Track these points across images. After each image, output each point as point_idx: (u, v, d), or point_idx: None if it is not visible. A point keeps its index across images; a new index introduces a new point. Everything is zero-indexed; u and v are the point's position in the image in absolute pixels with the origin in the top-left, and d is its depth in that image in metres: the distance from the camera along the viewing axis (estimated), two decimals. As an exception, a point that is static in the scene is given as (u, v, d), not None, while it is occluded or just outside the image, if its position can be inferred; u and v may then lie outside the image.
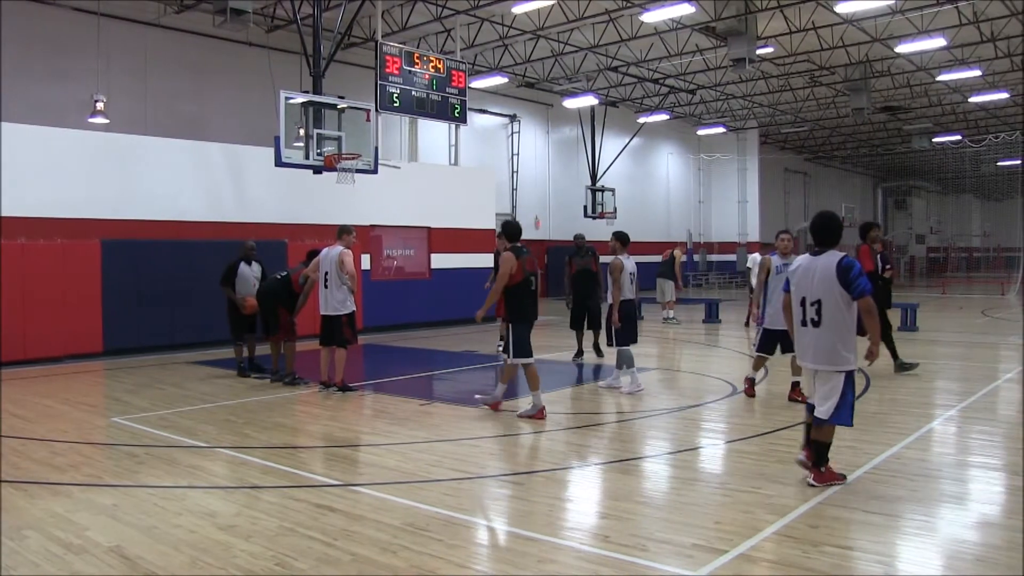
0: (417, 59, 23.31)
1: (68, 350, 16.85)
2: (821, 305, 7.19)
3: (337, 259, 12.36)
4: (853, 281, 7.05)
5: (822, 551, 5.81)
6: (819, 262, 7.25)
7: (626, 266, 12.41)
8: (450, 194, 25.04)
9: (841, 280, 7.07)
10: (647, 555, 5.77)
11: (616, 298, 12.39)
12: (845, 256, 7.21)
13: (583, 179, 40.10)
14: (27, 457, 8.75)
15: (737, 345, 19.05)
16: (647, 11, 25.04)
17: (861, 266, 7.26)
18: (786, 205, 58.69)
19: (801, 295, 7.38)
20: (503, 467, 8.53)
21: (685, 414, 11.09)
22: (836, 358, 7.17)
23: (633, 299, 12.66)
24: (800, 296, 7.39)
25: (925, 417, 10.54)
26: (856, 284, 7.04)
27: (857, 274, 7.07)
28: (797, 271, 7.48)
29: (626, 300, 12.47)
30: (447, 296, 23.60)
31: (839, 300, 7.12)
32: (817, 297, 7.21)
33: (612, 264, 12.34)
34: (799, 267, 7.47)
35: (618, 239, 12.75)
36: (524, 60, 32.90)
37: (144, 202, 18.62)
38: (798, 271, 7.46)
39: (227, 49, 26.74)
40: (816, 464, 7.36)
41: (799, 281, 7.42)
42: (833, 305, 7.15)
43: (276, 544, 6.03)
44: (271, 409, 11.57)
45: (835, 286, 7.10)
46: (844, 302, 7.12)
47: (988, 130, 50.11)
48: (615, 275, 12.28)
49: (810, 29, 29.06)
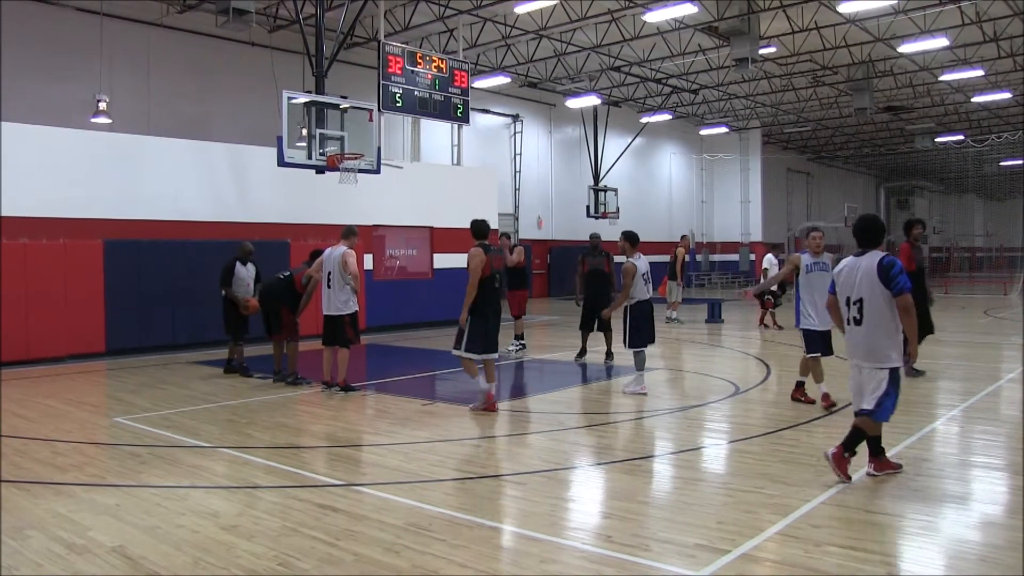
0: (420, 59, 23.35)
1: (71, 350, 16.86)
2: (863, 304, 7.35)
3: (340, 259, 12.36)
4: (893, 279, 7.20)
5: (825, 551, 5.81)
6: (862, 262, 7.41)
7: (639, 267, 12.29)
8: (453, 194, 25.03)
9: (882, 278, 7.23)
10: (650, 555, 5.77)
11: (622, 299, 12.35)
12: (887, 255, 7.36)
13: (586, 179, 40.14)
14: (30, 457, 8.75)
15: (740, 345, 19.04)
16: (649, 11, 25.02)
17: (902, 265, 7.38)
18: (789, 205, 58.72)
19: (845, 295, 7.55)
20: (506, 467, 8.53)
21: (688, 414, 11.09)
22: (880, 356, 7.32)
23: (648, 299, 12.48)
24: (844, 296, 7.56)
25: (928, 417, 10.53)
26: (896, 282, 7.20)
27: (897, 272, 7.21)
28: (842, 272, 7.64)
29: (642, 301, 12.34)
30: (449, 296, 23.52)
31: (881, 299, 7.28)
32: (860, 296, 7.37)
33: (625, 268, 12.25)
34: (844, 268, 7.63)
35: (627, 239, 12.62)
36: (527, 60, 32.90)
37: (147, 202, 18.63)
38: (843, 272, 7.62)
39: (230, 49, 26.75)
40: (873, 454, 7.60)
41: (844, 281, 7.58)
42: (875, 304, 7.30)
43: (279, 544, 6.03)
44: (273, 409, 11.57)
45: (876, 285, 7.26)
46: (886, 301, 7.26)
47: (991, 130, 50.12)
48: (627, 280, 12.21)
49: (813, 29, 29.05)
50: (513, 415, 11.27)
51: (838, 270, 7.74)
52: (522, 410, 11.68)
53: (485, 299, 11.10)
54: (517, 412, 11.52)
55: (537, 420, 10.85)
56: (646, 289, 12.36)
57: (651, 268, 12.72)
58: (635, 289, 12.26)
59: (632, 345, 12.33)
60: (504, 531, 6.50)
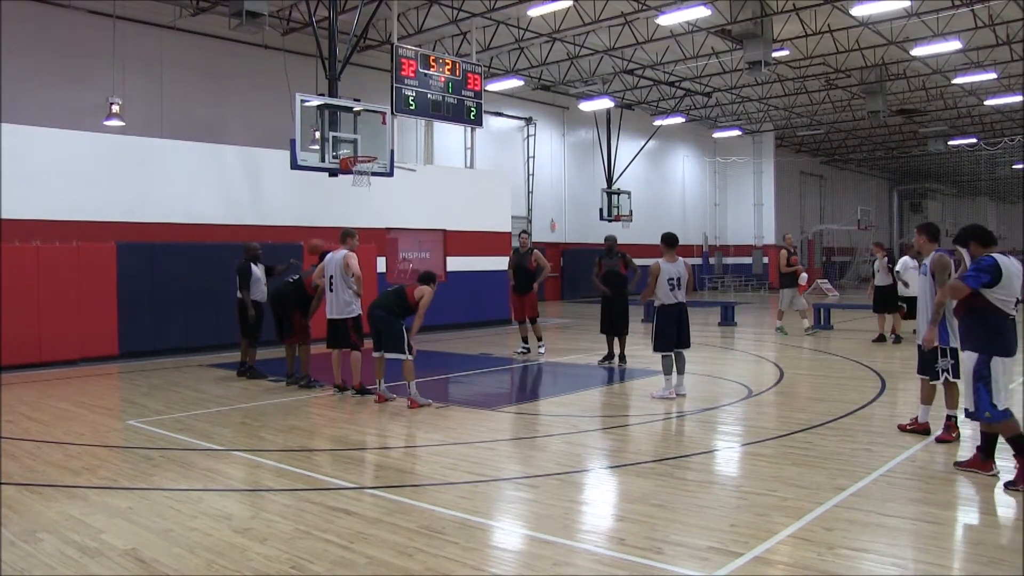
0: (433, 62, 23.41)
1: (83, 353, 16.91)
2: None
3: (342, 262, 12.35)
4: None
5: (837, 554, 5.79)
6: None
7: (665, 270, 12.12)
8: (466, 197, 25.06)
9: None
10: (662, 558, 5.76)
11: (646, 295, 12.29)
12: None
13: (599, 182, 40.16)
14: (42, 460, 8.78)
15: (753, 348, 19.01)
16: (663, 14, 24.99)
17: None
18: (802, 208, 58.59)
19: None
20: (518, 470, 8.51)
21: (700, 417, 11.07)
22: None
23: (677, 303, 12.24)
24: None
25: (940, 419, 10.47)
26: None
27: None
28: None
29: (667, 305, 12.17)
30: (463, 299, 23.60)
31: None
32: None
33: (650, 268, 12.20)
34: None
35: (663, 241, 12.48)
36: (540, 63, 32.90)
37: (160, 205, 18.68)
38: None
39: (243, 52, 26.83)
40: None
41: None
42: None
43: (291, 547, 6.04)
44: (286, 412, 11.58)
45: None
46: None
47: (1004, 133, 49.92)
48: (650, 280, 12.15)
49: (826, 32, 28.99)
50: (526, 418, 11.28)
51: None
52: (535, 413, 11.68)
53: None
54: (530, 415, 11.52)
55: (550, 423, 10.84)
56: (672, 294, 12.18)
57: (686, 273, 12.37)
58: (659, 291, 12.16)
59: (656, 349, 12.26)
60: (517, 534, 6.49)
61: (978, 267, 7.47)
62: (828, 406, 11.37)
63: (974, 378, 7.50)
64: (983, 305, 7.51)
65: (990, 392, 7.45)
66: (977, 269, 7.45)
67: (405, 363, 11.71)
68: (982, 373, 7.48)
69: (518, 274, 17.26)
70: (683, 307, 12.38)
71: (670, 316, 12.21)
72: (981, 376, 7.47)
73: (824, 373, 15.09)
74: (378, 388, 12.16)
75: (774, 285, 48.24)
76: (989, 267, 7.42)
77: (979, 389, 7.46)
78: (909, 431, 9.55)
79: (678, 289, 12.23)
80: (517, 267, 17.28)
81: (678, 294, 12.24)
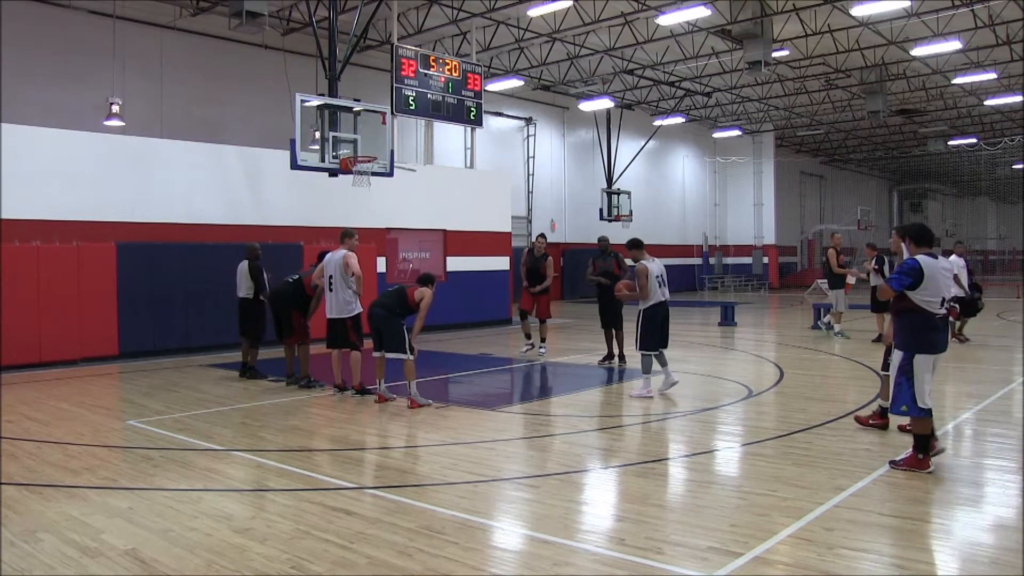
0: (433, 62, 23.41)
1: (83, 353, 16.90)
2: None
3: (341, 262, 12.34)
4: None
5: (837, 554, 5.79)
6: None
7: (652, 269, 12.25)
8: (466, 197, 25.06)
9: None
10: (663, 558, 5.76)
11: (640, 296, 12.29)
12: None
13: (599, 182, 40.17)
14: (42, 460, 8.78)
15: (753, 348, 19.02)
16: (663, 14, 25.00)
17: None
18: (802, 208, 58.62)
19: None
20: (518, 470, 8.52)
21: (700, 417, 11.07)
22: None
23: (664, 302, 12.39)
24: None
25: (939, 420, 10.45)
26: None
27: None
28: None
29: (657, 303, 12.28)
30: (463, 299, 23.60)
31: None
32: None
33: (637, 269, 12.20)
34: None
35: (634, 246, 12.63)
36: (540, 63, 32.90)
37: (160, 205, 18.68)
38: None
39: (242, 52, 26.83)
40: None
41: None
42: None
43: (291, 547, 6.04)
44: (286, 412, 11.58)
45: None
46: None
47: (1004, 133, 49.96)
48: (643, 280, 12.16)
49: (826, 32, 28.99)
50: (526, 418, 11.28)
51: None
52: (535, 413, 11.68)
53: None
54: (530, 415, 11.52)
55: (550, 423, 10.85)
56: (661, 291, 12.31)
57: (664, 270, 12.60)
58: (649, 290, 12.21)
59: (644, 347, 12.29)
60: (517, 534, 6.49)
61: (901, 270, 7.83)
62: (828, 406, 11.38)
63: (898, 373, 7.91)
64: (909, 306, 7.86)
65: (912, 388, 7.78)
66: (900, 272, 7.83)
67: (406, 363, 11.70)
68: (905, 369, 7.84)
69: (530, 276, 17.20)
70: (668, 305, 12.56)
71: (658, 314, 12.33)
72: (904, 372, 7.84)
73: (824, 373, 15.11)
74: (378, 388, 12.16)
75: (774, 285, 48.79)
76: (911, 270, 7.74)
77: (901, 384, 7.85)
78: (870, 425, 9.84)
79: (664, 286, 12.43)
80: (530, 269, 17.18)
81: (665, 291, 12.43)
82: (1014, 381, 13.59)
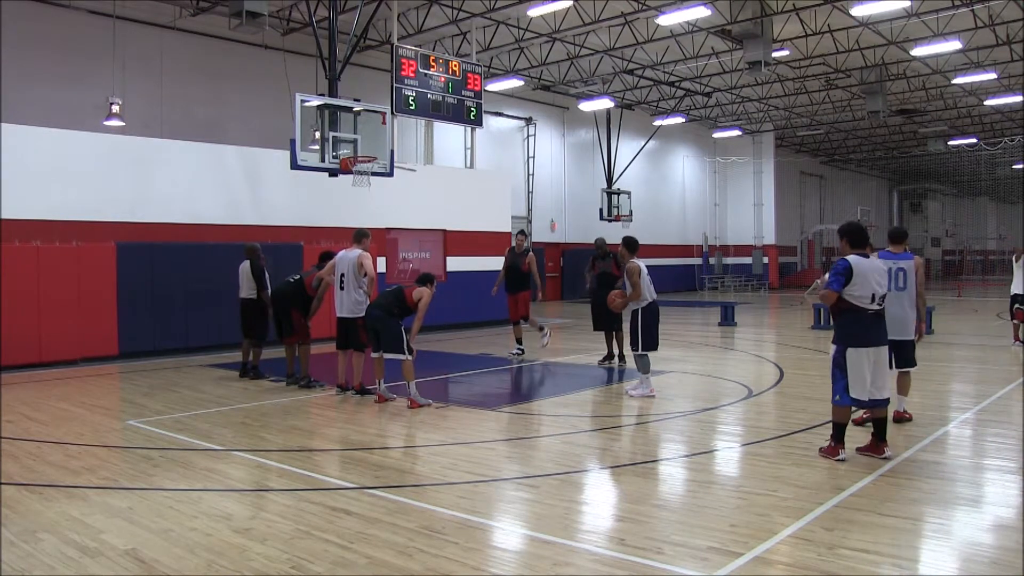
0: (433, 62, 23.42)
1: (83, 353, 16.91)
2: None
3: (356, 262, 12.31)
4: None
5: (837, 554, 5.79)
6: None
7: (643, 269, 12.21)
8: (466, 197, 25.07)
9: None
10: (663, 558, 5.76)
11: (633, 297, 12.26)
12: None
13: (599, 182, 40.19)
14: (43, 460, 8.78)
15: (753, 348, 19.02)
16: (663, 14, 25.01)
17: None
18: (802, 208, 58.61)
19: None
20: (518, 470, 8.52)
21: (700, 417, 11.07)
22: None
23: (655, 301, 12.36)
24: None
25: (940, 420, 10.48)
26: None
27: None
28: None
29: (652, 303, 12.25)
30: (463, 299, 23.58)
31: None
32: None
33: (629, 268, 12.17)
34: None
35: (629, 246, 12.58)
36: (540, 63, 32.89)
37: (160, 205, 18.68)
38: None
39: (243, 52, 26.81)
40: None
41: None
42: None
43: (291, 547, 6.04)
44: (286, 412, 11.58)
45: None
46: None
47: (1004, 133, 49.94)
48: (635, 279, 12.13)
49: (826, 32, 28.99)
50: (526, 418, 11.28)
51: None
52: (535, 413, 11.67)
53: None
54: (530, 415, 11.52)
55: (549, 423, 10.84)
56: (651, 291, 12.27)
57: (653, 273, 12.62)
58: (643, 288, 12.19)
59: (643, 348, 12.27)
60: (517, 534, 6.49)
61: (834, 271, 8.24)
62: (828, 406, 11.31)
63: (832, 365, 8.43)
64: (844, 305, 8.26)
65: (845, 380, 8.25)
66: (834, 273, 8.23)
67: (405, 363, 11.69)
68: (839, 362, 8.32)
69: (510, 273, 17.18)
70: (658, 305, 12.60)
71: (652, 314, 12.32)
72: (838, 364, 8.33)
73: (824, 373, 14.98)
74: (378, 388, 12.16)
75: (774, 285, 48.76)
76: (843, 270, 8.15)
77: (835, 375, 8.37)
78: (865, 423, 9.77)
79: (652, 285, 12.43)
80: (510, 266, 17.18)
81: (654, 291, 12.45)
82: (1014, 382, 13.58)
